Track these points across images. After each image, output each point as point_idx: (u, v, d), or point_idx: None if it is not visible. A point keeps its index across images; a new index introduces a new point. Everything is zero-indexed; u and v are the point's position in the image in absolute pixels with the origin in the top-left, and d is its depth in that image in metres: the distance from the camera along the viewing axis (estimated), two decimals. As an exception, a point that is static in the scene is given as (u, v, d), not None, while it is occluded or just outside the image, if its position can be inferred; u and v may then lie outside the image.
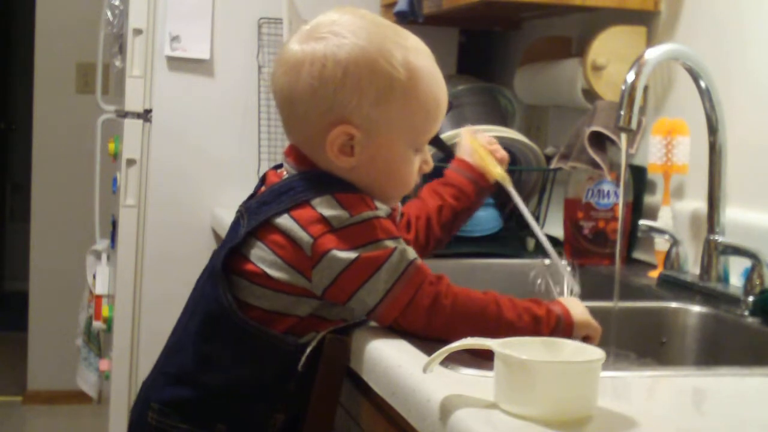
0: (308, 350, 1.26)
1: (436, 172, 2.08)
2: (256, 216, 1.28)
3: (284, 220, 1.25)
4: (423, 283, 1.23)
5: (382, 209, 1.27)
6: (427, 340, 1.21)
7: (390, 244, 1.24)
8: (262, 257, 1.26)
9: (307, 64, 1.28)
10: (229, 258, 1.28)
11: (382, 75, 1.27)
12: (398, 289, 1.22)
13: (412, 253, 1.25)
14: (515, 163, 2.14)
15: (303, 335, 1.27)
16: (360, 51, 1.27)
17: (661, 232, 1.78)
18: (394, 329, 1.25)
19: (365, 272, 1.22)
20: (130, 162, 2.55)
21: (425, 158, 1.35)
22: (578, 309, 1.30)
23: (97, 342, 2.90)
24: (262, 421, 1.28)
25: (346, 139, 1.28)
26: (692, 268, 1.73)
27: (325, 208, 1.24)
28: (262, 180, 1.38)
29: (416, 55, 1.31)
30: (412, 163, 1.33)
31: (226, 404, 1.27)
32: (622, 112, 1.47)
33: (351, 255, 1.22)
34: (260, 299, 1.26)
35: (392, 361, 1.13)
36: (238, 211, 1.34)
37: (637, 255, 1.96)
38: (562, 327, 1.26)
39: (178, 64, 2.54)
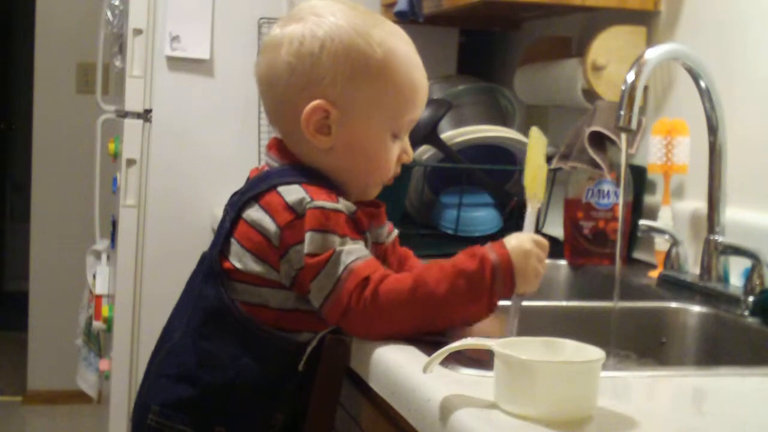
0: (309, 350, 1.26)
1: (433, 173, 2.09)
2: (234, 207, 1.30)
3: (254, 212, 1.26)
4: (354, 289, 1.20)
5: (343, 204, 1.26)
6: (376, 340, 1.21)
7: (334, 241, 1.22)
8: (236, 253, 1.28)
9: (285, 44, 1.30)
10: (218, 257, 1.30)
11: (358, 52, 1.28)
12: (336, 295, 1.21)
13: (352, 254, 1.23)
14: (515, 163, 2.14)
15: (297, 332, 1.27)
16: (337, 28, 1.29)
17: (661, 232, 1.78)
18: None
19: (311, 273, 1.22)
20: (130, 162, 2.55)
21: (405, 148, 1.35)
22: (514, 243, 1.22)
23: (97, 342, 2.90)
24: (261, 422, 1.28)
25: (322, 116, 1.29)
26: (692, 268, 1.73)
27: (290, 194, 1.25)
28: (247, 178, 1.39)
29: (395, 38, 1.32)
30: (390, 148, 1.32)
31: (226, 404, 1.27)
32: (622, 112, 1.47)
33: (301, 259, 1.22)
34: (242, 294, 1.27)
35: (392, 361, 1.13)
36: (224, 208, 1.35)
37: (637, 255, 1.96)
38: (501, 276, 1.20)
39: (178, 64, 2.54)
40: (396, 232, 1.44)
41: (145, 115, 2.55)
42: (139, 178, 2.56)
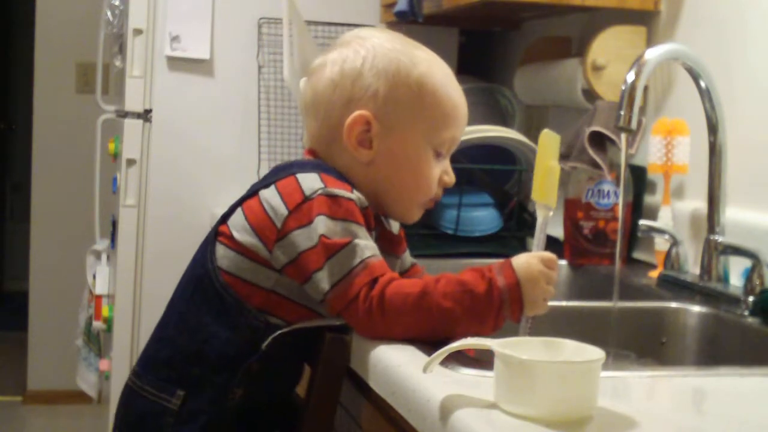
0: (277, 333, 1.26)
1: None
2: (254, 187, 1.33)
3: (269, 191, 1.29)
4: (364, 285, 1.21)
5: (356, 196, 1.27)
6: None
7: (353, 230, 1.24)
8: (237, 220, 1.30)
9: (329, 65, 1.34)
10: (220, 221, 1.33)
11: (399, 67, 1.32)
12: (345, 284, 1.22)
13: (369, 249, 1.24)
14: (515, 163, 2.14)
15: (268, 313, 1.27)
16: (380, 47, 1.33)
17: (661, 232, 1.78)
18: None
19: (326, 253, 1.23)
20: (130, 162, 2.55)
21: (446, 169, 1.37)
22: (523, 268, 1.20)
23: (97, 342, 2.90)
24: (219, 393, 1.29)
25: (363, 129, 1.31)
26: (692, 268, 1.73)
27: (306, 181, 1.27)
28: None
29: (435, 59, 1.36)
30: (431, 165, 1.35)
31: (191, 369, 1.29)
32: (622, 112, 1.47)
33: (314, 238, 1.23)
34: (226, 261, 1.29)
35: (392, 361, 1.13)
36: None
37: (637, 255, 1.96)
38: (509, 302, 1.19)
39: (178, 64, 2.54)
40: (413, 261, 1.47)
41: (145, 115, 2.55)
42: (139, 178, 2.56)
